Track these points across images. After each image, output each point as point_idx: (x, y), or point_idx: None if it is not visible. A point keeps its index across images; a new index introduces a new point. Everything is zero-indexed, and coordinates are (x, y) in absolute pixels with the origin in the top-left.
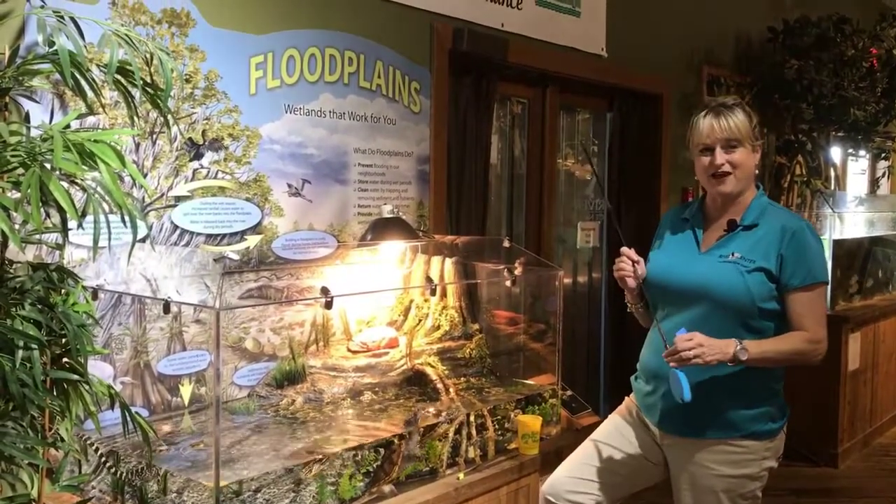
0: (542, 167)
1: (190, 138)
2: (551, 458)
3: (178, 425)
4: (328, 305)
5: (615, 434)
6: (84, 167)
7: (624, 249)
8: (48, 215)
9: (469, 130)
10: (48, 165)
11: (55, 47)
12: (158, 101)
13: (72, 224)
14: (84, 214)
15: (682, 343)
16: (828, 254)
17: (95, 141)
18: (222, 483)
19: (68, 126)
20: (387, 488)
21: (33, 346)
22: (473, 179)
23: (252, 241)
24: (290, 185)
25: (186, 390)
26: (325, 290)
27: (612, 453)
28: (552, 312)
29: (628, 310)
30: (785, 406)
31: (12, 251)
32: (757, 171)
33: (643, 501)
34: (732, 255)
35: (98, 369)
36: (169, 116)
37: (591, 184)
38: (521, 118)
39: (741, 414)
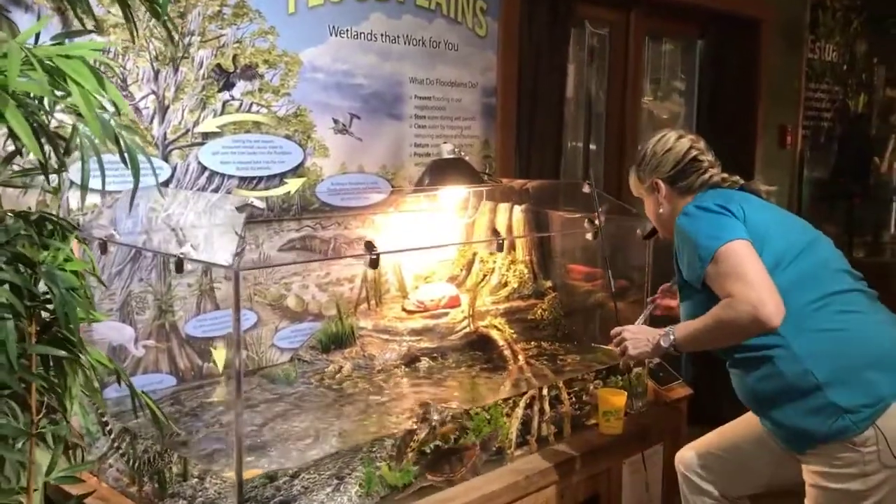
0: (623, 103)
1: (218, 65)
2: (636, 438)
3: (210, 395)
4: (373, 264)
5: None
6: (54, 90)
7: (614, 332)
8: (21, 153)
9: (542, 58)
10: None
11: None
12: (157, 9)
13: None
14: (68, 152)
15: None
16: None
17: (67, 56)
18: (249, 474)
19: (63, 42)
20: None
21: (7, 315)
22: (547, 115)
23: (293, 184)
24: (335, 121)
25: (220, 355)
26: (369, 246)
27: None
28: (637, 267)
29: None
30: (859, 393)
31: (10, 198)
32: (662, 210)
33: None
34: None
35: (116, 331)
36: (173, 31)
37: (679, 120)
38: (602, 47)
39: (793, 418)
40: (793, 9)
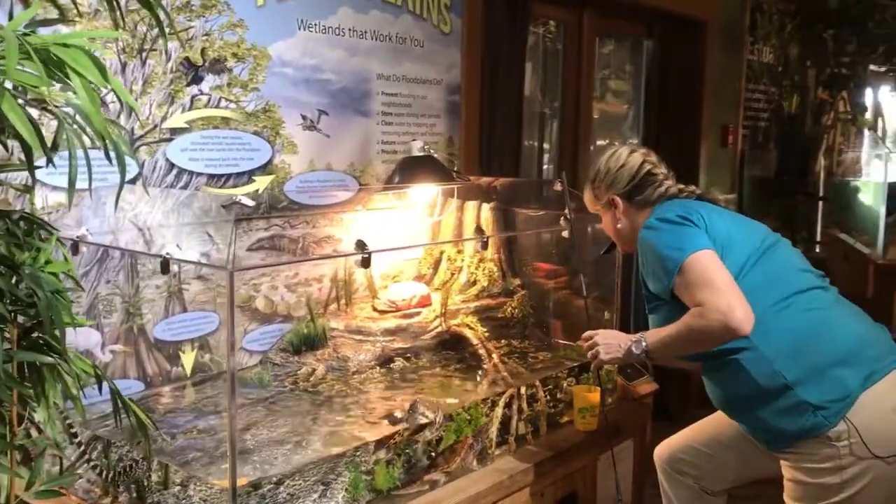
0: (577, 101)
1: (187, 58)
2: (609, 435)
3: (180, 401)
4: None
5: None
6: (51, 81)
7: (586, 336)
8: (6, 147)
9: (502, 56)
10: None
11: None
12: None
13: (41, 160)
14: (55, 147)
15: (584, 341)
16: (882, 198)
17: (65, 45)
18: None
19: (35, 31)
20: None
21: None
22: (507, 113)
23: (262, 182)
24: (304, 117)
25: (189, 358)
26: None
27: (733, 433)
28: (600, 264)
29: None
30: (828, 389)
31: None
32: (620, 226)
33: None
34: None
35: (82, 335)
36: (164, 22)
37: (628, 120)
38: (554, 47)
39: (767, 420)
40: (734, 11)
